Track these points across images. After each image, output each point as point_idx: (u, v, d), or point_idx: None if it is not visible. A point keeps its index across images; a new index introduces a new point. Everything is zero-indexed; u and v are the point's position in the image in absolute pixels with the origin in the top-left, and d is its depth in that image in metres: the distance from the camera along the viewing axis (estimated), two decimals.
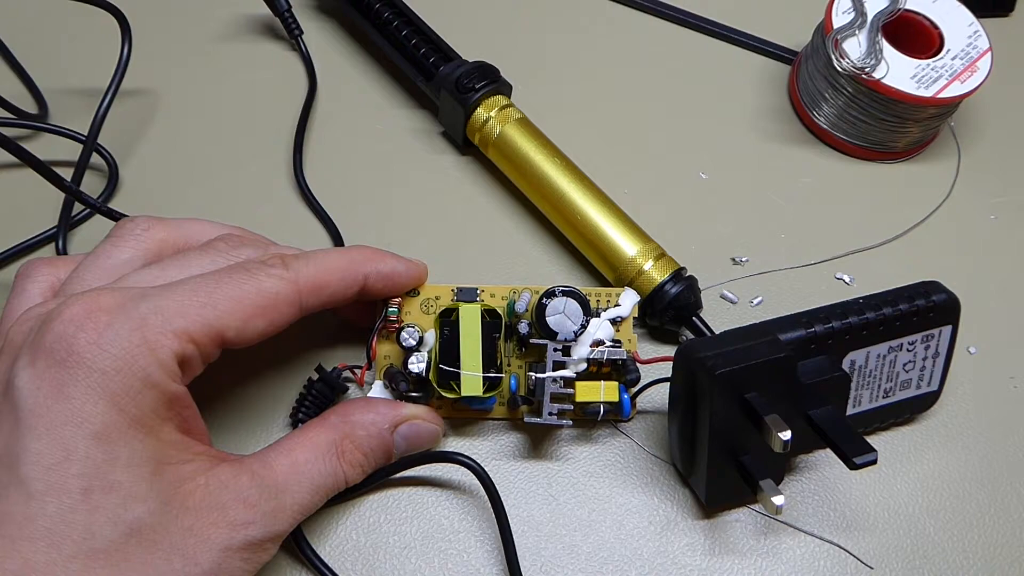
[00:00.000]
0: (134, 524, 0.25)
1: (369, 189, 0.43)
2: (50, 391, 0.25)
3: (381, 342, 0.35)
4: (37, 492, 0.24)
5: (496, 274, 0.40)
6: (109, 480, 0.25)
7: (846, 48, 0.42)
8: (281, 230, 0.38)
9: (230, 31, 0.48)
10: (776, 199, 0.44)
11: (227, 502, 0.27)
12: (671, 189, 0.43)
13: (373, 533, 0.33)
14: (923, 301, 0.33)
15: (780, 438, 0.29)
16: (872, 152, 0.45)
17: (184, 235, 0.33)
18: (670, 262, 0.38)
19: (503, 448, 0.36)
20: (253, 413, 0.36)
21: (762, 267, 0.41)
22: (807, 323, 0.32)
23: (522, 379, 0.35)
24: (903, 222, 0.43)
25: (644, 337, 0.39)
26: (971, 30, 0.44)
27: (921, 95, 0.41)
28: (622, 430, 0.36)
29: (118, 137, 0.43)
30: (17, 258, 0.39)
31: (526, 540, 0.34)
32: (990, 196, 0.45)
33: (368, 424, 0.31)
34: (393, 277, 0.34)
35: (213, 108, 0.45)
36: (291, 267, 0.30)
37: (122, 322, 0.26)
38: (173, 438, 0.27)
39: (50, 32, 0.47)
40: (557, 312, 0.34)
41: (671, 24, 0.50)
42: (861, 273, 0.41)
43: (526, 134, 0.41)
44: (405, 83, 0.46)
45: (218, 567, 0.26)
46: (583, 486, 0.35)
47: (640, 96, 0.47)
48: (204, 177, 0.42)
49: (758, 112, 0.47)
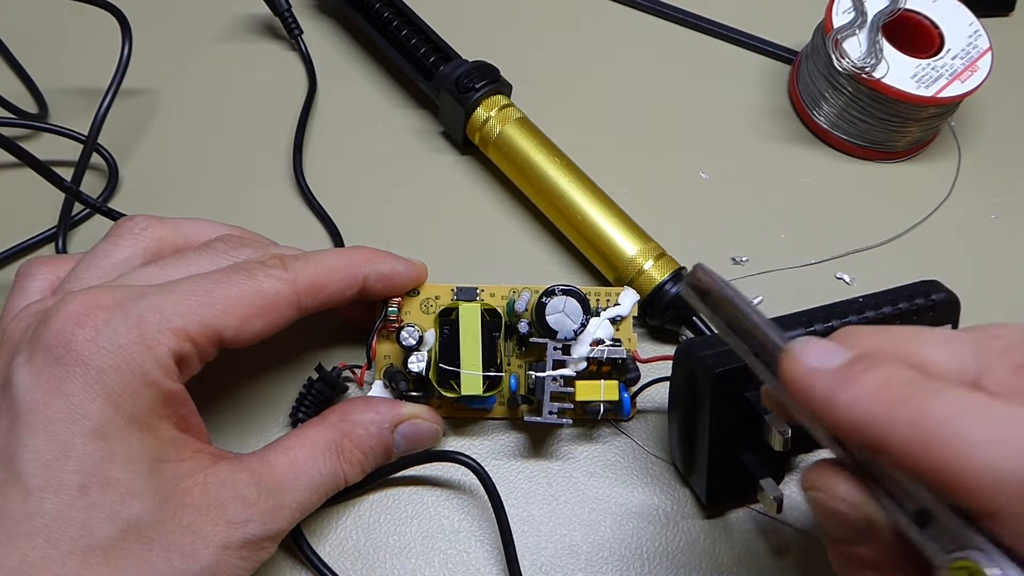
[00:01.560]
0: (132, 521, 0.25)
1: (369, 189, 0.43)
2: (48, 388, 0.25)
3: (381, 342, 0.35)
4: (35, 489, 0.24)
5: (496, 274, 0.40)
6: (107, 477, 0.25)
7: (846, 48, 0.42)
8: (281, 230, 0.38)
9: (230, 31, 0.48)
10: (776, 199, 0.44)
11: (226, 500, 0.27)
12: (671, 189, 0.43)
13: (373, 533, 0.33)
14: (923, 300, 0.33)
15: (780, 437, 0.29)
16: (872, 152, 0.45)
17: (183, 234, 0.33)
18: (670, 262, 0.38)
19: (503, 448, 0.36)
20: (253, 412, 0.36)
21: (762, 267, 0.41)
22: (807, 322, 0.32)
23: (522, 378, 0.35)
24: (903, 222, 0.43)
25: (644, 337, 0.39)
26: (971, 30, 0.44)
27: (921, 95, 0.41)
28: (622, 429, 0.36)
29: (118, 137, 0.43)
30: (17, 258, 0.39)
31: (526, 540, 0.33)
32: (990, 196, 0.44)
33: (368, 423, 0.31)
34: (393, 278, 0.33)
35: (213, 108, 0.45)
36: (290, 268, 0.30)
37: (120, 320, 0.26)
38: (171, 436, 0.27)
39: (50, 32, 0.47)
40: (557, 311, 0.34)
41: (671, 24, 0.50)
42: (861, 273, 0.41)
43: (526, 134, 0.41)
44: (405, 83, 0.46)
45: (216, 565, 0.26)
46: (583, 486, 0.35)
47: (640, 96, 0.47)
48: (204, 177, 0.42)
49: (758, 112, 0.47)
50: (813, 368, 0.23)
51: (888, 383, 0.21)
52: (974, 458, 0.20)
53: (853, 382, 0.22)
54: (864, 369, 0.22)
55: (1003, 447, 0.19)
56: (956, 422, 0.20)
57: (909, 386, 0.21)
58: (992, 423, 0.20)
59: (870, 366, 0.22)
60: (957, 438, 0.20)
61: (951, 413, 0.20)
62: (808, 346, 0.23)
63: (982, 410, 0.20)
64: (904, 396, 0.21)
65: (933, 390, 0.21)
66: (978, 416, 0.20)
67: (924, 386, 0.21)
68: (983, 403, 0.20)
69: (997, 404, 0.20)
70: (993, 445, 0.20)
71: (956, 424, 0.20)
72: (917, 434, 0.20)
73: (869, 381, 0.22)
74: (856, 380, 0.22)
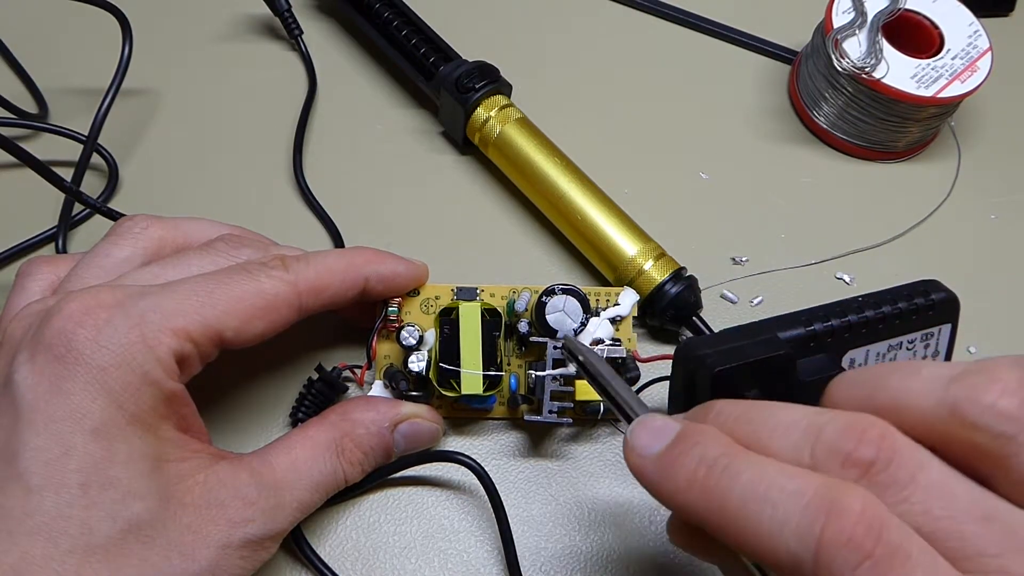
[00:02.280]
0: (132, 520, 0.25)
1: (369, 189, 0.43)
2: (49, 387, 0.25)
3: (381, 342, 0.35)
4: (36, 487, 0.24)
5: (496, 273, 0.40)
6: (107, 476, 0.25)
7: (846, 48, 0.42)
8: (281, 230, 0.38)
9: (230, 31, 0.48)
10: (776, 199, 0.44)
11: (226, 500, 0.27)
12: (671, 189, 0.43)
13: (373, 533, 0.33)
14: (922, 299, 0.33)
15: None
16: (872, 152, 0.45)
17: (183, 234, 0.33)
18: (670, 262, 0.38)
19: (503, 447, 0.36)
20: (253, 413, 0.36)
21: (762, 267, 0.41)
22: (807, 321, 0.32)
23: (522, 378, 0.35)
24: (903, 222, 0.43)
25: (644, 337, 0.39)
26: (971, 30, 0.44)
27: (921, 95, 0.41)
28: (622, 429, 0.36)
29: (118, 137, 0.43)
30: (17, 258, 0.39)
31: (526, 540, 0.33)
32: (990, 196, 0.45)
33: (368, 422, 0.31)
34: (394, 279, 0.33)
35: (213, 108, 0.45)
36: (291, 269, 0.30)
37: (121, 319, 0.26)
38: (171, 436, 0.27)
39: (50, 32, 0.47)
40: (557, 310, 0.34)
41: (671, 24, 0.50)
42: (861, 273, 0.41)
43: (526, 134, 0.41)
44: (405, 83, 0.46)
45: (216, 565, 0.26)
46: (583, 486, 0.35)
47: (640, 96, 0.47)
48: (204, 177, 0.43)
49: (758, 112, 0.47)
50: (640, 456, 0.23)
51: (699, 467, 0.21)
52: (761, 545, 0.20)
53: (670, 470, 0.22)
54: (680, 453, 0.22)
55: (780, 531, 0.19)
56: (748, 507, 0.20)
57: (713, 468, 0.21)
58: (774, 504, 0.20)
59: (686, 449, 0.22)
60: (747, 524, 0.20)
61: (744, 497, 0.20)
62: (637, 429, 0.23)
63: (771, 489, 0.20)
64: (712, 483, 0.21)
65: (734, 471, 0.21)
66: (766, 497, 0.20)
67: (726, 467, 0.21)
68: (775, 480, 0.20)
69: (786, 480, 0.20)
70: (773, 529, 0.19)
71: (748, 509, 0.20)
72: (719, 521, 0.20)
73: (684, 468, 0.21)
74: (673, 467, 0.22)
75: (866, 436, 0.20)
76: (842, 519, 0.19)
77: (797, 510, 0.19)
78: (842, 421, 0.21)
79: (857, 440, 0.20)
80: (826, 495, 0.19)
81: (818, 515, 0.19)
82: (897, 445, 0.20)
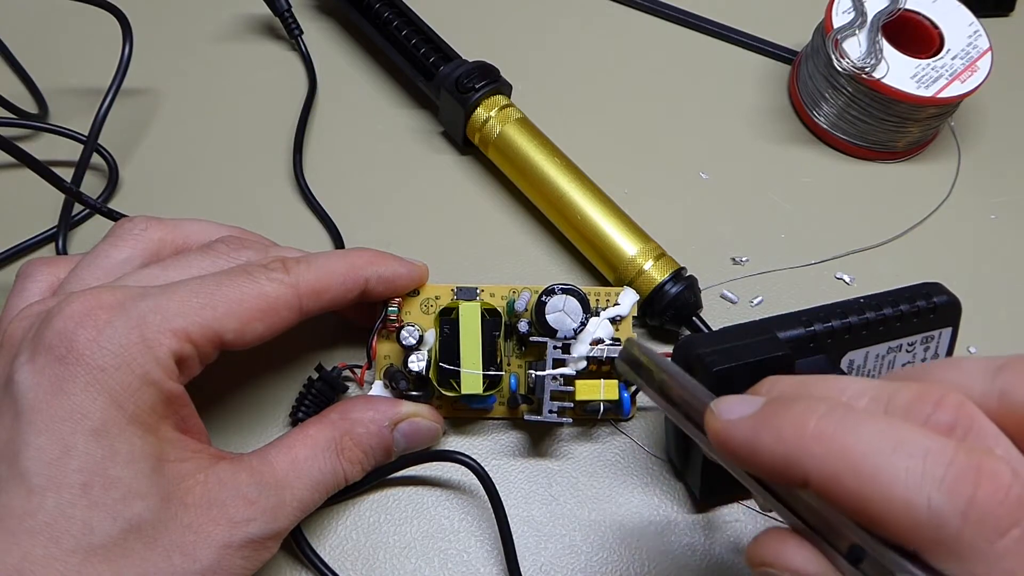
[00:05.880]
0: (133, 520, 0.25)
1: (369, 189, 0.43)
2: (50, 387, 0.25)
3: (381, 341, 0.35)
4: (37, 487, 0.24)
5: (496, 273, 0.40)
6: (109, 476, 0.25)
7: (846, 48, 0.42)
8: (281, 230, 0.38)
9: (230, 31, 0.48)
10: (776, 199, 0.44)
11: (227, 499, 0.27)
12: (671, 189, 0.43)
13: (373, 533, 0.33)
14: (924, 302, 0.33)
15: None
16: (872, 152, 0.45)
17: (183, 235, 0.33)
18: (670, 262, 0.38)
19: (503, 447, 0.36)
20: (253, 412, 0.36)
21: (762, 267, 0.41)
22: (806, 321, 0.32)
23: (522, 378, 0.35)
24: (903, 222, 0.43)
25: (644, 337, 0.39)
26: (971, 30, 0.44)
27: (921, 95, 0.41)
28: (621, 429, 0.36)
29: (118, 137, 0.43)
30: (17, 258, 0.39)
31: (526, 540, 0.33)
32: (990, 196, 0.45)
33: (368, 421, 0.31)
34: (394, 280, 0.34)
35: (213, 108, 0.45)
36: (292, 271, 0.30)
37: (121, 320, 0.26)
38: (171, 436, 0.27)
39: (50, 32, 0.47)
40: (557, 310, 0.34)
41: (671, 24, 0.50)
42: (861, 273, 0.41)
43: (526, 134, 0.41)
44: (405, 83, 0.46)
45: (217, 564, 0.26)
46: (583, 486, 0.35)
47: (640, 96, 0.47)
48: (204, 177, 0.43)
49: (758, 112, 0.47)
50: (730, 420, 0.22)
51: (805, 417, 0.20)
52: (894, 496, 0.19)
53: (770, 423, 0.21)
54: (779, 408, 0.21)
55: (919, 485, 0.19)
56: (876, 457, 0.19)
57: (827, 418, 0.20)
58: (910, 456, 0.19)
59: (785, 405, 0.21)
60: (877, 474, 0.19)
61: (870, 446, 0.19)
62: (724, 400, 0.23)
63: (903, 443, 0.19)
64: (822, 429, 0.20)
65: (852, 421, 0.20)
66: (898, 449, 0.19)
67: (842, 417, 0.20)
68: (905, 435, 0.19)
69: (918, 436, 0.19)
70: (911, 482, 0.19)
71: (876, 459, 0.19)
72: (838, 470, 0.19)
73: (786, 418, 0.21)
74: (773, 420, 0.21)
75: (944, 402, 0.20)
76: (996, 481, 0.18)
77: (942, 465, 0.19)
78: (914, 388, 0.21)
79: (935, 405, 0.20)
80: (972, 456, 0.19)
81: (968, 473, 0.18)
82: (974, 413, 0.20)
